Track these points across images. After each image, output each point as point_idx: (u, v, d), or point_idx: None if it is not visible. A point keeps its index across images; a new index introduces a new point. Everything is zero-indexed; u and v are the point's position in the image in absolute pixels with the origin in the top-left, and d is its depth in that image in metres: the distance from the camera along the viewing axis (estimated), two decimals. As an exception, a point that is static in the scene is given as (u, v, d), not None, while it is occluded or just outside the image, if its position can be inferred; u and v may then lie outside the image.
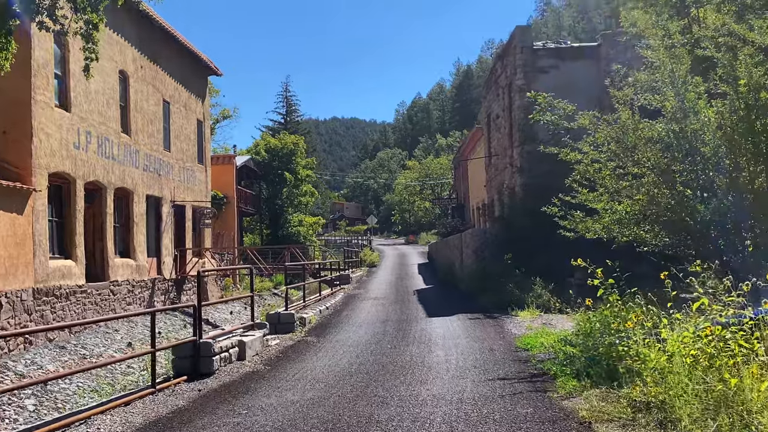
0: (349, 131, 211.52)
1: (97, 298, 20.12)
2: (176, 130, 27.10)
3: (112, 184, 21.42)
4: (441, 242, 39.85)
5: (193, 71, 29.10)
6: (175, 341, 15.31)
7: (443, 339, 12.78)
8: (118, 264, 21.67)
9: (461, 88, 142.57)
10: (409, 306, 19.62)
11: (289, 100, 76.22)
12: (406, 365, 10.26)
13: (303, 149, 46.28)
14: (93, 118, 20.23)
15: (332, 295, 23.56)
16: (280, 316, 15.14)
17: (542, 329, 13.02)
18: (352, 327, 15.29)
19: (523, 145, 22.91)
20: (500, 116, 26.62)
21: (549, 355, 10.36)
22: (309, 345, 12.95)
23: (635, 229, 11.59)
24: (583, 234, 12.45)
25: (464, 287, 24.08)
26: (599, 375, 8.01)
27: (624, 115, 11.05)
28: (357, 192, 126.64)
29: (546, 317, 15.43)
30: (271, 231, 45.49)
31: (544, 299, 16.95)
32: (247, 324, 12.78)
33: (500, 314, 16.45)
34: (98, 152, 20.57)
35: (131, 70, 23.03)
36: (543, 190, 21.85)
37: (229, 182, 35.67)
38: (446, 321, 15.63)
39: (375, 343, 12.73)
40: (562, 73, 22.90)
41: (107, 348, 19.18)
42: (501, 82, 26.20)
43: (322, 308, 18.46)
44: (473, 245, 24.54)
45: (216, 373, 10.25)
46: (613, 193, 11.45)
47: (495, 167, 28.12)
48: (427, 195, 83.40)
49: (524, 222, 21.80)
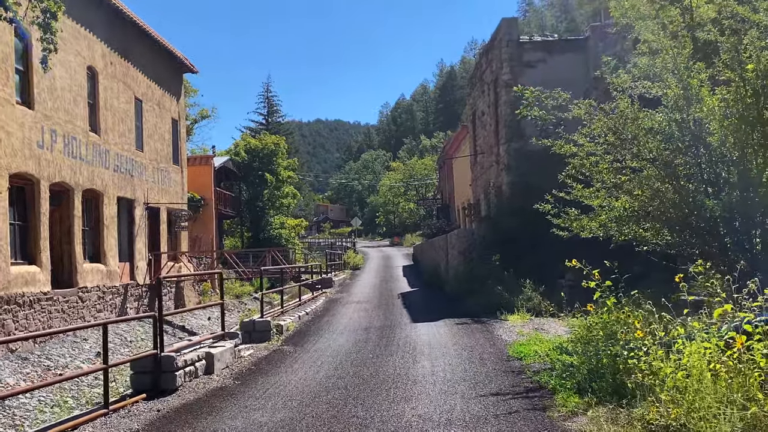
0: (333, 133, 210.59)
1: (64, 306, 19.05)
2: (149, 129, 26.03)
3: (80, 185, 20.35)
4: (426, 243, 39.01)
5: (167, 68, 28.04)
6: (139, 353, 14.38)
7: (429, 347, 11.88)
8: (87, 269, 20.59)
9: (445, 88, 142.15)
10: (393, 310, 18.71)
11: (270, 100, 74.99)
12: (388, 378, 9.35)
13: (284, 150, 45.25)
14: (59, 116, 19.16)
15: (313, 299, 22.60)
16: (255, 324, 14.18)
17: (535, 335, 12.16)
18: (332, 334, 14.35)
19: (509, 142, 22.10)
20: (486, 113, 25.82)
21: (545, 366, 9.49)
22: (285, 355, 12.01)
23: (634, 227, 10.75)
24: (577, 233, 11.61)
25: (450, 290, 23.23)
26: (604, 390, 7.14)
27: (622, 103, 10.22)
28: (341, 194, 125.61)
29: (537, 321, 14.58)
30: (252, 234, 44.41)
31: (534, 302, 16.10)
32: (218, 334, 11.81)
33: (489, 318, 15.58)
34: (64, 152, 19.50)
35: (100, 66, 21.97)
36: (531, 188, 21.03)
37: (207, 184, 34.60)
38: (432, 327, 14.73)
39: (356, 352, 11.80)
40: (550, 67, 22.12)
41: (74, 359, 18.11)
42: (486, 78, 25.40)
43: (301, 314, 17.52)
44: (459, 246, 23.70)
45: (179, 389, 9.30)
46: (611, 188, 10.61)
47: (481, 165, 27.32)
48: (412, 196, 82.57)
49: (512, 222, 21.00)
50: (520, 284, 16.93)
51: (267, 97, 75.02)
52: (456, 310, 17.86)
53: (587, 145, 10.77)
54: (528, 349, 10.55)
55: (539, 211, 20.50)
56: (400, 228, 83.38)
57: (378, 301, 21.82)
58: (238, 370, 10.64)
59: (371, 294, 24.85)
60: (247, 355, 12.02)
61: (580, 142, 10.97)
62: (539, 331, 12.94)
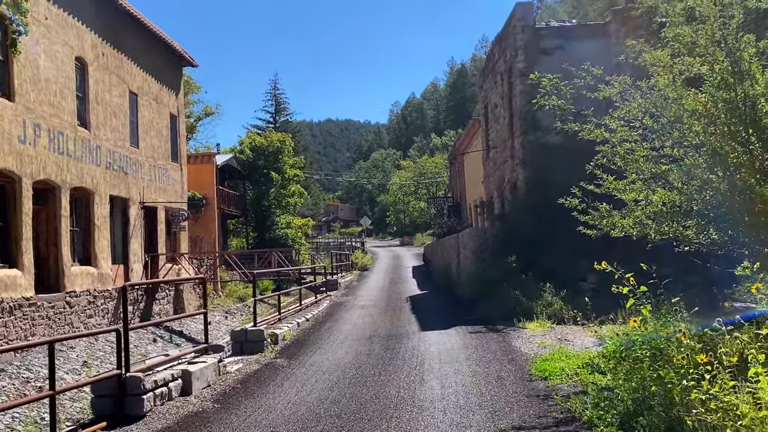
0: (344, 133, 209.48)
1: (49, 312, 17.80)
2: (145, 124, 24.78)
3: (68, 183, 19.10)
4: (436, 243, 37.59)
5: (165, 62, 26.79)
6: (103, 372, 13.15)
7: (439, 362, 10.49)
8: (75, 272, 19.35)
9: (455, 86, 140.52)
10: (400, 316, 17.33)
11: (278, 98, 73.61)
12: (390, 403, 7.98)
13: (290, 147, 43.92)
14: (43, 109, 17.92)
15: (316, 303, 21.27)
16: (247, 334, 12.86)
17: (559, 348, 10.74)
18: (332, 345, 12.99)
19: (525, 135, 20.65)
20: (499, 105, 24.39)
21: (575, 388, 8.09)
22: (276, 370, 10.66)
23: (674, 224, 9.29)
24: (608, 231, 10.16)
25: (462, 293, 21.81)
26: (655, 427, 5.72)
27: (662, 80, 8.78)
28: (351, 194, 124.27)
29: (560, 330, 13.15)
30: (257, 234, 43.13)
31: (555, 308, 14.63)
32: (201, 347, 10.48)
33: (505, 326, 14.17)
34: (50, 147, 18.25)
35: (90, 58, 20.72)
36: (548, 183, 19.62)
37: (208, 182, 33.33)
38: (442, 336, 13.34)
39: (356, 367, 10.44)
40: (568, 54, 20.59)
41: (58, 369, 16.86)
42: (499, 68, 23.96)
43: (301, 320, 16.17)
44: (471, 246, 22.28)
45: (147, 415, 7.98)
46: (649, 179, 9.16)
47: (494, 161, 25.88)
48: (422, 195, 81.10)
49: (528, 220, 19.56)
50: (540, 288, 15.43)
51: (274, 95, 73.73)
52: (468, 315, 16.47)
53: (621, 129, 9.32)
54: (553, 366, 9.14)
55: (557, 207, 19.13)
56: (411, 227, 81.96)
57: (385, 305, 20.44)
58: (220, 390, 9.30)
59: (378, 297, 23.48)
60: (235, 371, 10.69)
61: (613, 126, 9.53)
62: (563, 342, 11.52)
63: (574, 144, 19.55)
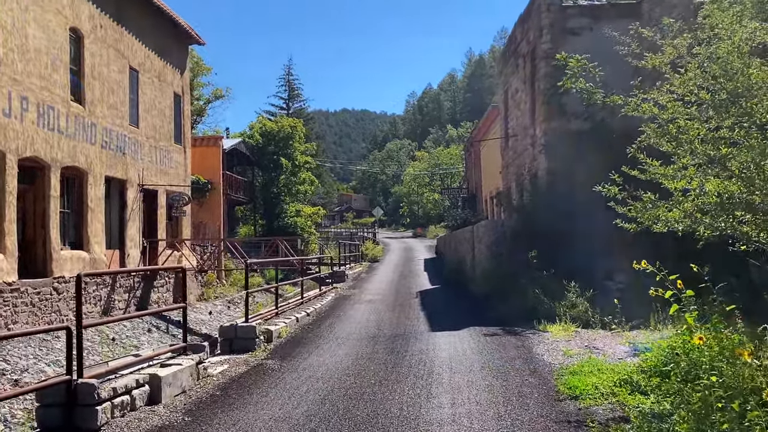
0: (359, 123, 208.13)
1: (34, 298, 16.65)
2: (147, 103, 23.54)
3: (59, 161, 17.92)
4: (450, 235, 36.16)
5: (169, 38, 25.50)
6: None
7: (450, 371, 9.13)
8: (65, 257, 18.19)
9: (473, 77, 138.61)
10: (409, 313, 15.98)
11: (291, 84, 72.11)
12: (390, 425, 6.64)
13: (302, 133, 42.60)
14: (31, 81, 16.72)
15: (320, 296, 19.98)
16: (237, 330, 11.57)
17: (588, 357, 9.34)
18: (331, 345, 11.67)
19: (548, 121, 19.18)
20: (520, 90, 22.91)
21: (613, 412, 6.72)
22: (265, 375, 9.37)
23: (730, 219, 7.86)
24: (648, 226, 8.73)
25: (476, 288, 20.44)
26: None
27: (723, 47, 7.34)
28: (365, 184, 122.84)
29: (586, 335, 11.75)
30: (266, 222, 41.91)
31: (579, 309, 13.21)
32: (178, 346, 9.20)
33: (524, 328, 12.78)
34: (38, 122, 17.07)
35: (86, 29, 19.48)
36: (573, 173, 18.19)
37: (214, 166, 32.08)
38: (454, 338, 11.98)
39: (355, 374, 9.11)
40: (597, 35, 19.12)
41: (39, 361, 15.67)
42: (522, 50, 22.47)
43: (301, 315, 14.88)
44: (487, 239, 20.89)
45: (102, 429, 6.73)
46: (704, 165, 7.72)
47: (513, 150, 24.42)
48: (437, 186, 79.59)
49: (548, 212, 18.12)
50: (563, 287, 13.98)
51: (288, 81, 72.24)
52: (483, 315, 15.10)
53: (672, 106, 7.88)
54: (584, 382, 7.75)
55: (582, 199, 17.68)
56: (424, 219, 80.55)
57: (393, 300, 19.11)
58: (196, 398, 8.02)
59: (387, 291, 22.15)
60: (218, 373, 9.41)
61: (661, 101, 8.09)
62: (591, 350, 10.13)
63: (603, 131, 18.15)
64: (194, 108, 45.50)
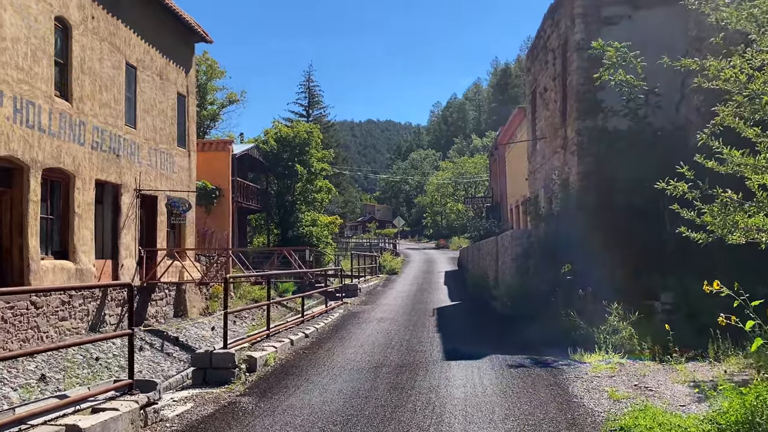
0: (384, 134, 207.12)
1: (6, 313, 14.96)
2: (146, 102, 21.93)
3: (39, 162, 16.32)
4: (473, 247, 34.05)
5: (173, 34, 23.93)
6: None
7: (464, 420, 7.12)
8: (46, 267, 16.54)
9: (499, 87, 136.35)
10: (422, 335, 13.97)
11: (311, 90, 70.49)
12: None
13: (318, 139, 40.85)
14: (7, 72, 15.14)
15: (326, 313, 18.05)
16: (212, 358, 9.69)
17: (641, 402, 7.25)
18: (323, 378, 9.72)
19: (581, 120, 17.11)
20: (549, 88, 20.87)
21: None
22: (234, 419, 7.46)
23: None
24: (722, 236, 6.72)
25: (501, 307, 18.39)
26: None
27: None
28: (389, 194, 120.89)
29: (632, 369, 9.66)
30: (280, 231, 40.16)
31: (623, 336, 11.10)
32: (122, 383, 7.32)
33: (555, 358, 10.71)
34: (15, 119, 15.47)
35: (76, 20, 17.92)
36: (610, 178, 16.11)
37: (223, 172, 30.42)
38: (472, 370, 9.95)
39: (343, 422, 7.15)
40: (636, 24, 17.10)
41: (5, 384, 13.95)
42: (551, 44, 20.45)
43: (297, 337, 12.96)
44: (513, 251, 18.85)
45: None
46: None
47: (542, 154, 22.36)
48: (460, 196, 77.43)
49: (581, 221, 16.06)
50: (603, 308, 11.85)
51: (308, 88, 70.66)
52: (507, 339, 13.07)
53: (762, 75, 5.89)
54: (643, 446, 5.73)
55: (621, 206, 15.60)
56: (448, 230, 78.41)
57: (407, 319, 17.10)
58: (131, 456, 6.13)
59: (401, 308, 20.17)
60: (174, 416, 7.52)
61: (749, 72, 6.10)
62: (643, 391, 8.05)
63: (646, 129, 16.08)
64: (208, 113, 44.09)
